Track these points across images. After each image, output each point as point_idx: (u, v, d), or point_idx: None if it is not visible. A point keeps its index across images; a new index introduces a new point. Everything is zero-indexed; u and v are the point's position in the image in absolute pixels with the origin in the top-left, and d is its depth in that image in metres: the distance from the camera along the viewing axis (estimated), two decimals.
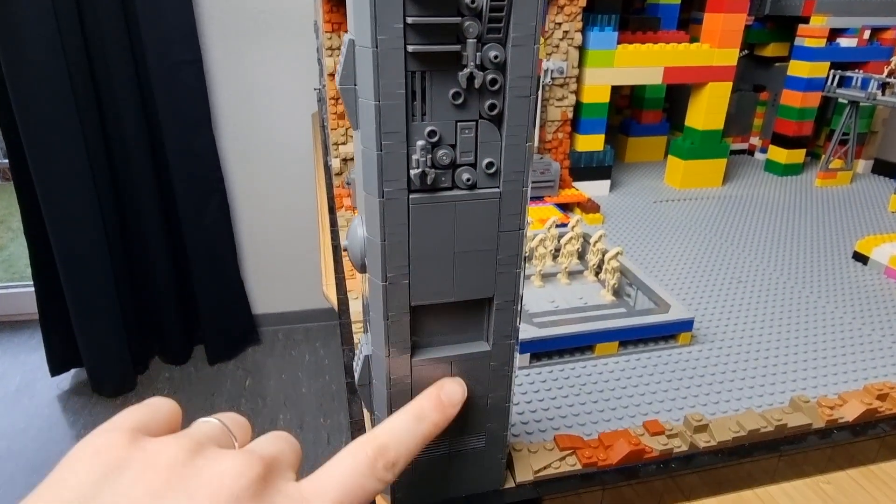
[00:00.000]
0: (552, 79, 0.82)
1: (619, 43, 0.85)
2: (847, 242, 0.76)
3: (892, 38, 0.99)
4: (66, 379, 1.78)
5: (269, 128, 1.81)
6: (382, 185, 0.25)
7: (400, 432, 0.25)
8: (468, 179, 0.26)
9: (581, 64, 0.85)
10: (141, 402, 0.23)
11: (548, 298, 0.59)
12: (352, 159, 0.79)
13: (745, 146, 1.19)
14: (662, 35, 1.01)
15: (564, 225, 0.70)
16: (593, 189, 0.92)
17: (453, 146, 0.25)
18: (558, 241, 0.65)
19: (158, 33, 1.52)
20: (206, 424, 0.23)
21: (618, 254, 0.57)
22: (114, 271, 1.65)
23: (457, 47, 0.23)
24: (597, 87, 0.86)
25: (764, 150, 1.13)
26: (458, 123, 0.25)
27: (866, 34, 0.98)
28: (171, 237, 1.76)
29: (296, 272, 2.01)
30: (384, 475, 0.24)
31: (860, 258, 0.70)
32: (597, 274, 0.63)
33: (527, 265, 0.63)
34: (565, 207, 0.83)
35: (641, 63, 0.87)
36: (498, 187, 0.26)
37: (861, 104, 0.95)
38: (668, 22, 1.03)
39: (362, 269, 0.29)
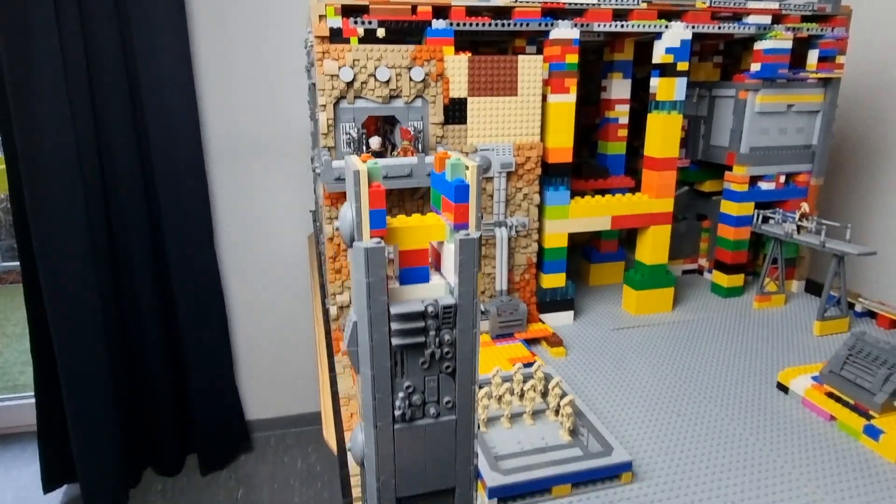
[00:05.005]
0: (517, 231, 0.97)
1: (572, 190, 1.01)
2: (774, 370, 0.88)
3: (804, 179, 1.17)
4: (58, 495, 1.80)
5: (267, 244, 1.95)
6: (376, 420, 0.37)
7: None
8: (434, 412, 0.38)
9: (541, 217, 1.00)
10: None
11: (514, 440, 0.69)
12: (348, 306, 0.92)
13: (695, 266, 1.34)
14: (612, 180, 1.18)
15: (530, 364, 0.82)
16: (559, 319, 1.05)
17: (423, 392, 0.38)
18: (523, 384, 0.76)
19: (170, 166, 1.70)
20: None
21: (570, 402, 0.69)
22: (115, 385, 1.72)
23: (422, 339, 0.36)
24: (556, 235, 1.01)
25: (711, 271, 1.28)
26: (426, 378, 0.37)
27: (782, 178, 1.16)
28: (172, 348, 1.85)
29: (287, 377, 2.08)
30: None
31: (782, 388, 0.82)
32: (556, 412, 0.74)
33: (497, 407, 0.75)
34: (533, 342, 0.96)
35: (592, 214, 1.03)
36: (454, 416, 0.38)
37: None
38: (616, 168, 1.20)
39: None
